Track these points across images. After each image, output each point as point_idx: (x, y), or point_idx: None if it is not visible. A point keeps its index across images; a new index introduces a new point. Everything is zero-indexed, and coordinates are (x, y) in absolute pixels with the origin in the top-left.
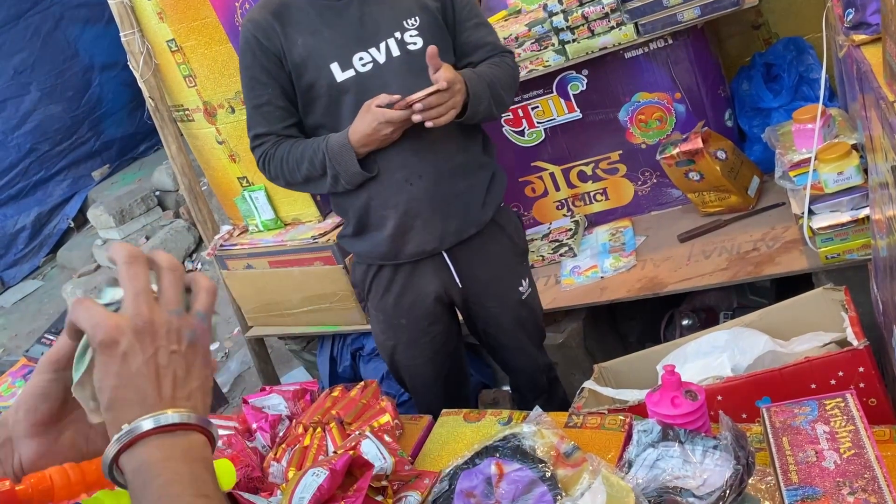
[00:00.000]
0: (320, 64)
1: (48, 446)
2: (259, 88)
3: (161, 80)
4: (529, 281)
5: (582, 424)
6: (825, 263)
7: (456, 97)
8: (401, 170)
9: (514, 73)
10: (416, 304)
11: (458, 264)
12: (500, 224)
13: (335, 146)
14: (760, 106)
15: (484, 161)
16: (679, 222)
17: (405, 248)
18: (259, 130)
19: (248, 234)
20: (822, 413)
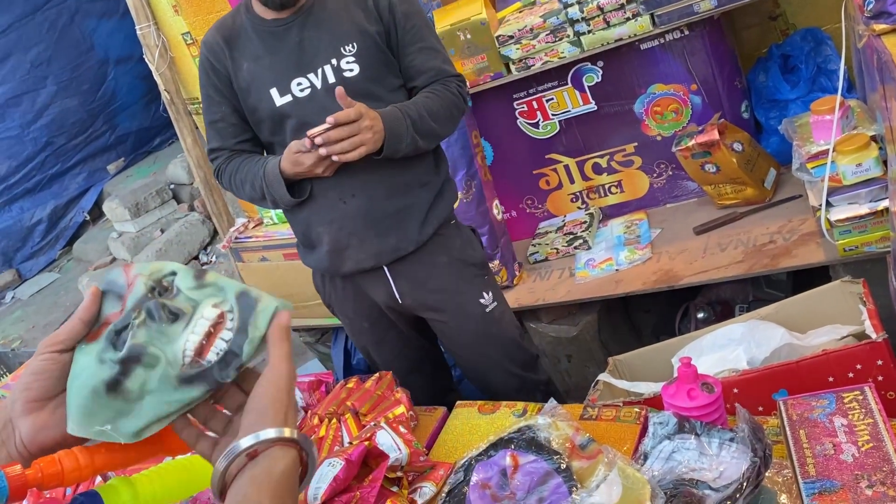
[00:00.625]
0: (261, 89)
1: (45, 420)
2: (213, 106)
3: (176, 73)
4: (494, 296)
5: (597, 416)
6: (843, 256)
7: (364, 133)
8: (334, 189)
9: (453, 101)
10: (371, 310)
11: (398, 279)
12: (444, 237)
13: (270, 175)
14: (777, 98)
15: (429, 179)
16: (695, 215)
17: (344, 265)
18: (213, 145)
19: (262, 227)
20: (840, 406)
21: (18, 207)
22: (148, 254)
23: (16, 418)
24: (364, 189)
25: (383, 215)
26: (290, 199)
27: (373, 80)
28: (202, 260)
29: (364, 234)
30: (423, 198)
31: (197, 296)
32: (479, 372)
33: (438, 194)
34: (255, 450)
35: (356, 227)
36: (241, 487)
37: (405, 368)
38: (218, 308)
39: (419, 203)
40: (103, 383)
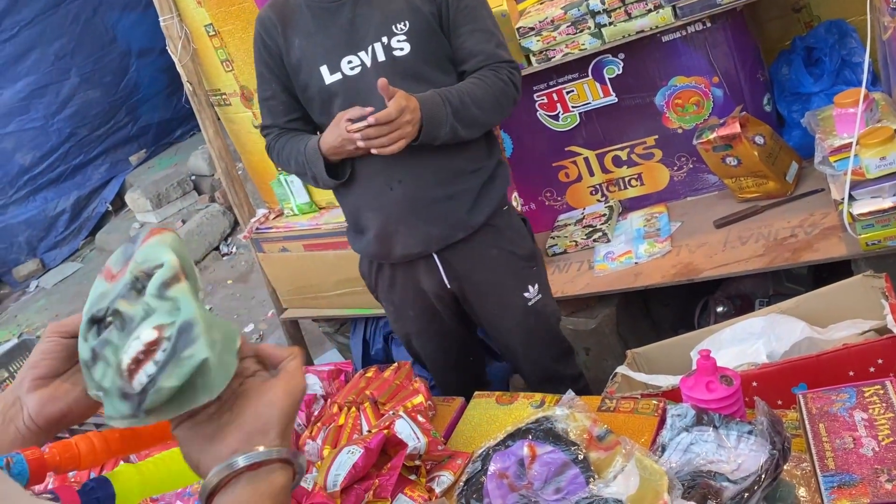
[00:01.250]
0: (312, 66)
1: (50, 393)
2: (265, 83)
3: (199, 65)
4: (540, 288)
5: (615, 408)
6: (865, 250)
7: (404, 128)
8: (380, 174)
9: (502, 89)
10: (418, 298)
11: (449, 266)
12: (496, 227)
13: (310, 151)
14: (800, 90)
15: (481, 164)
16: (715, 208)
17: (393, 251)
18: (265, 122)
19: (283, 218)
20: (861, 400)
21: (42, 198)
22: None
23: (23, 395)
24: (411, 175)
25: (431, 202)
26: (328, 180)
27: (423, 61)
28: (223, 251)
29: (411, 221)
30: (473, 184)
31: (153, 306)
32: (514, 359)
33: (489, 180)
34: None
35: (403, 214)
36: (240, 497)
37: (444, 361)
38: (157, 332)
39: (469, 189)
40: (83, 360)
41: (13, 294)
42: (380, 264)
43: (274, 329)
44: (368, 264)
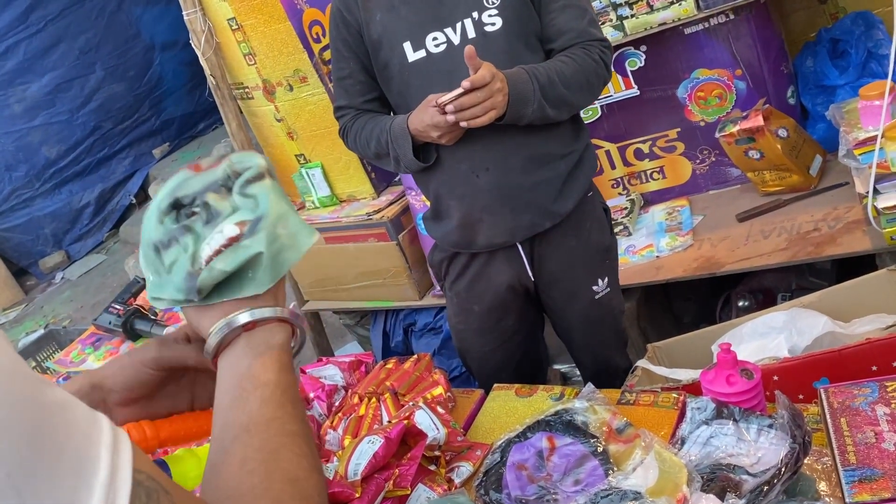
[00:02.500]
0: (394, 42)
1: (139, 413)
2: (342, 61)
3: (222, 58)
4: (610, 281)
5: (635, 401)
6: (890, 244)
7: (495, 97)
8: (466, 161)
9: (593, 69)
10: (489, 292)
11: (533, 257)
12: (580, 217)
13: (397, 129)
14: (825, 83)
15: (569, 150)
16: (738, 202)
17: (476, 240)
18: (340, 103)
19: (304, 211)
20: (883, 394)
21: (68, 191)
22: None
23: (112, 406)
24: (498, 163)
25: (518, 190)
26: (414, 162)
27: (516, 36)
28: None
29: (497, 210)
30: (561, 170)
31: (238, 203)
32: (571, 348)
33: (577, 165)
34: (253, 323)
35: (489, 203)
36: (242, 360)
37: (500, 362)
38: (238, 228)
39: (556, 176)
40: (155, 241)
41: (40, 285)
42: (454, 253)
43: None
44: (440, 252)
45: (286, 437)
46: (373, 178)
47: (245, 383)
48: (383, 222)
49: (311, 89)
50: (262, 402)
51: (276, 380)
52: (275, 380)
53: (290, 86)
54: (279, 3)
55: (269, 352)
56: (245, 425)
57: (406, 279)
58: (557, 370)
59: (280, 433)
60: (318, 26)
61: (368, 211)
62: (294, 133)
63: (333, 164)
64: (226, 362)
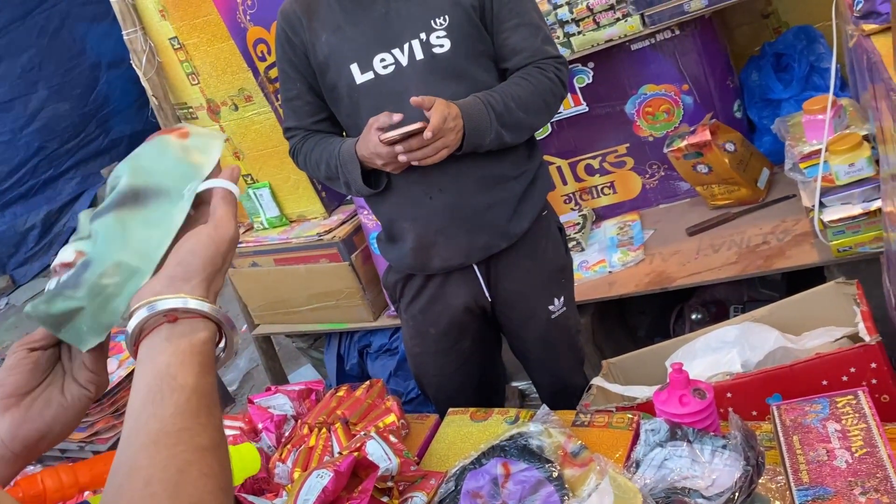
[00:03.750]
0: (340, 64)
1: (23, 415)
2: (289, 82)
3: (164, 78)
4: (566, 300)
5: (589, 423)
6: (837, 256)
7: (447, 137)
8: (419, 183)
9: (549, 88)
10: (445, 314)
11: (490, 277)
12: (535, 237)
13: (345, 155)
14: (770, 97)
15: (523, 169)
16: (688, 215)
17: (430, 262)
18: (289, 124)
19: (253, 232)
20: (834, 411)
21: (11, 213)
22: None
23: None
24: (452, 184)
25: (473, 211)
26: (364, 188)
27: (465, 57)
28: None
29: (452, 232)
30: (516, 189)
31: (89, 228)
32: (529, 368)
33: (531, 184)
34: (175, 315)
35: (443, 225)
36: (161, 355)
37: (458, 385)
38: (75, 255)
39: (511, 196)
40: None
41: None
42: (409, 275)
43: (247, 344)
44: (395, 275)
45: (195, 452)
46: (323, 198)
47: (162, 384)
48: (335, 242)
49: (256, 108)
50: (175, 408)
51: (195, 384)
52: (193, 384)
53: (235, 105)
54: (221, 23)
55: (192, 349)
56: (154, 435)
57: (360, 300)
58: (515, 388)
59: (190, 448)
60: (263, 44)
61: (319, 231)
62: (241, 153)
63: (282, 184)
64: (145, 353)
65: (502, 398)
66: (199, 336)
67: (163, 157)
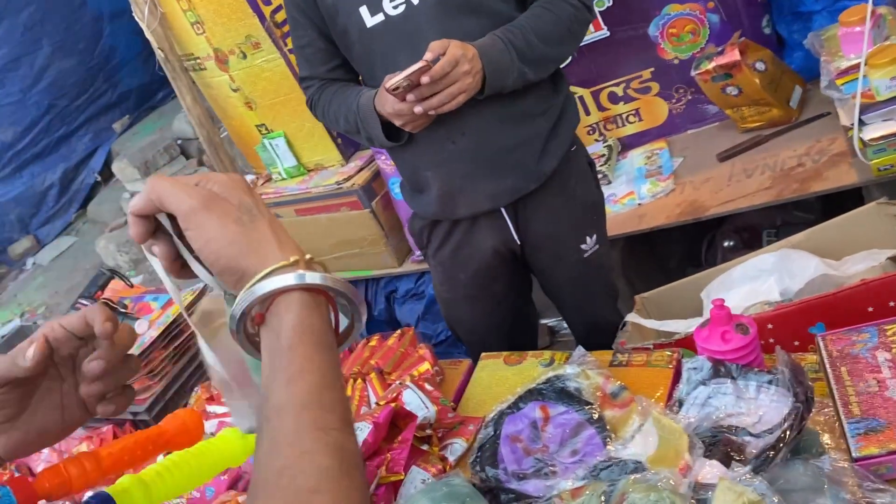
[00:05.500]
0: (349, 8)
1: (22, 436)
2: (299, 29)
3: (169, 29)
4: (598, 237)
5: (627, 363)
6: (877, 176)
7: (462, 80)
8: (440, 127)
9: (572, 15)
10: (474, 258)
11: (518, 220)
12: (565, 175)
13: (365, 110)
14: (800, 9)
15: (549, 104)
16: (717, 140)
17: (457, 209)
18: (304, 73)
19: (272, 183)
20: (883, 339)
21: (29, 173)
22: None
23: None
24: (475, 126)
25: (498, 153)
26: (387, 143)
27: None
28: None
29: (478, 176)
30: (543, 126)
31: None
32: (562, 308)
33: (559, 119)
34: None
35: (469, 169)
36: (284, 337)
37: (490, 329)
38: None
39: (538, 133)
40: None
41: (11, 273)
42: (434, 221)
43: None
44: (420, 221)
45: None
46: (339, 145)
47: (296, 356)
48: (354, 190)
49: (265, 55)
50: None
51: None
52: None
53: (244, 53)
54: None
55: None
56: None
57: (383, 247)
58: (545, 325)
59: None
60: None
61: (338, 179)
62: (252, 102)
63: (297, 133)
64: (278, 323)
65: (535, 340)
66: (316, 317)
67: None
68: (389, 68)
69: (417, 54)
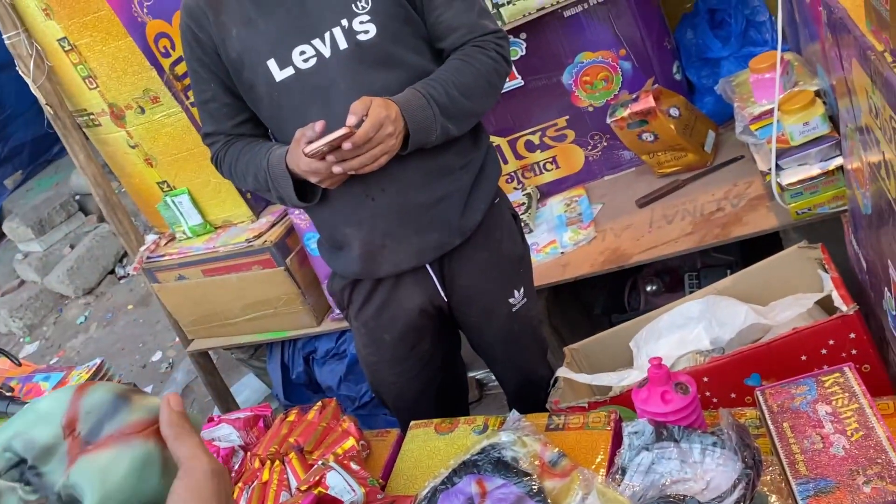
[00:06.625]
0: (256, 61)
1: None
2: (201, 83)
3: (58, 84)
4: (526, 291)
5: (564, 426)
6: (796, 219)
7: (387, 142)
8: (358, 183)
9: (492, 68)
10: (399, 318)
11: (444, 275)
12: (490, 228)
13: (276, 169)
14: (708, 56)
15: (469, 157)
16: (635, 185)
17: (380, 268)
18: (208, 129)
19: (175, 243)
20: (822, 391)
21: None
22: (59, 273)
23: None
24: (394, 182)
25: (420, 209)
26: (300, 203)
27: (394, 42)
28: (119, 273)
29: (400, 233)
30: (465, 180)
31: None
32: (492, 363)
33: (480, 172)
34: None
35: (390, 226)
36: None
37: (417, 391)
38: None
39: (460, 188)
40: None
41: None
42: (356, 280)
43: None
44: (340, 281)
45: None
46: (249, 200)
47: None
48: (267, 248)
49: (165, 109)
50: None
51: None
52: None
53: (141, 108)
54: (116, 18)
55: None
56: None
57: (300, 306)
58: (473, 378)
59: None
60: (166, 39)
61: (248, 237)
62: (153, 159)
63: (202, 189)
64: None
65: (466, 400)
66: None
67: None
68: (300, 123)
69: (330, 108)
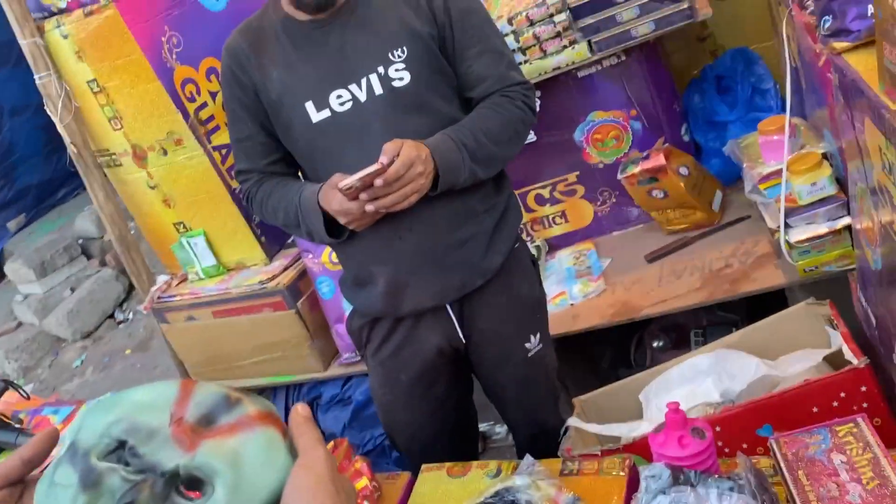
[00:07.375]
0: (294, 103)
1: None
2: (239, 123)
3: (83, 124)
4: (542, 336)
5: (578, 471)
6: (803, 277)
7: (416, 181)
8: (386, 224)
9: (519, 117)
10: (417, 358)
11: (464, 317)
12: (509, 271)
13: (307, 206)
14: (715, 119)
15: (493, 202)
16: (643, 242)
17: (402, 306)
18: (242, 166)
19: (188, 284)
20: (836, 441)
21: None
22: (58, 316)
23: None
24: (421, 222)
25: (445, 249)
26: (328, 239)
27: (427, 89)
28: (118, 318)
29: (425, 272)
30: (487, 223)
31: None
32: (504, 409)
33: (503, 217)
34: None
35: (415, 266)
36: None
37: (432, 433)
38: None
39: (483, 230)
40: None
41: None
42: (375, 319)
43: None
44: (360, 319)
45: None
46: (263, 243)
47: None
48: (279, 290)
49: (187, 152)
50: None
51: None
52: None
53: (164, 150)
54: (146, 62)
55: None
56: None
57: (308, 349)
58: None
59: None
60: (192, 84)
61: (261, 279)
62: (171, 200)
63: (218, 231)
64: None
65: (477, 445)
66: None
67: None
68: (334, 164)
69: (364, 150)
